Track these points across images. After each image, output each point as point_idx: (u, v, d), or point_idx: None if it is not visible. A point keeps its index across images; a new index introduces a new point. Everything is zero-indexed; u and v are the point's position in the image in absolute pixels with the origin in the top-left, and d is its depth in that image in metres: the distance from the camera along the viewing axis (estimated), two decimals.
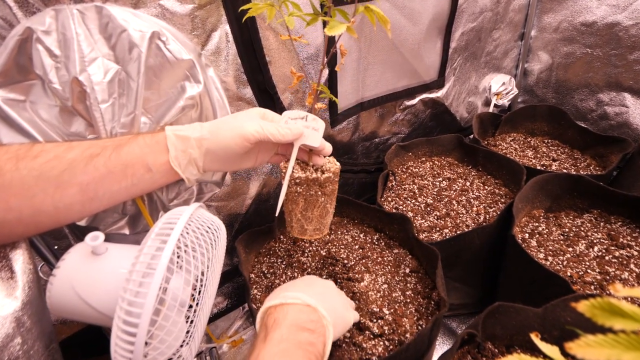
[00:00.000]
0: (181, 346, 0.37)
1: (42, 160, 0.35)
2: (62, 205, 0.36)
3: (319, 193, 0.49)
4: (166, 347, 0.34)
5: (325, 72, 0.67)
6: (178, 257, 0.36)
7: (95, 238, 0.36)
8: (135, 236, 0.56)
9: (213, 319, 0.81)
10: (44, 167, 0.35)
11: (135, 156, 0.39)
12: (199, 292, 0.38)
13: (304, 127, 0.45)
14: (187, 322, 0.37)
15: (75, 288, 0.35)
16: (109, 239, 0.57)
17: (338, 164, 0.51)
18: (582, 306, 0.20)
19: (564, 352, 0.29)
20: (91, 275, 0.36)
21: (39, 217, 0.36)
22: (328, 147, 0.48)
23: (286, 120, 0.46)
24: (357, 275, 0.59)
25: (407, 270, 0.61)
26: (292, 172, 0.47)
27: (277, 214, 0.47)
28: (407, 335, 0.50)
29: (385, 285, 0.58)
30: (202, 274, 0.38)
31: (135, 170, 0.39)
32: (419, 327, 0.52)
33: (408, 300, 0.56)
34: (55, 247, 0.54)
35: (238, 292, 0.83)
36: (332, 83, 0.70)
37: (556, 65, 1.10)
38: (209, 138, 0.42)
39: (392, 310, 0.54)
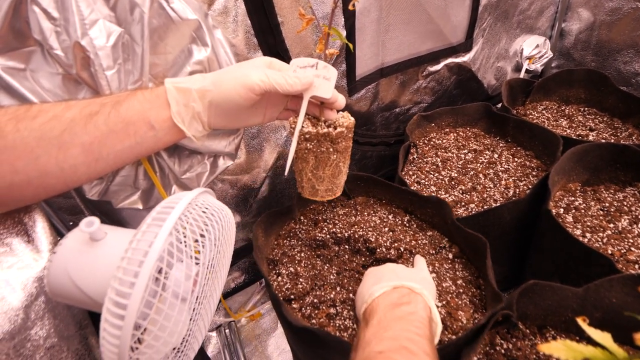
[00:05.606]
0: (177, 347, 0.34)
1: (42, 121, 0.33)
2: (67, 166, 0.35)
3: (331, 150, 0.45)
4: (168, 335, 0.31)
5: (340, 21, 0.61)
6: (178, 248, 0.33)
7: (90, 224, 0.33)
8: (149, 211, 0.55)
9: (231, 293, 0.81)
10: (44, 127, 0.33)
11: (136, 112, 0.37)
12: (202, 284, 0.35)
13: (314, 77, 0.41)
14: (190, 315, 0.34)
15: (70, 274, 0.33)
16: (121, 213, 0.56)
17: (352, 118, 0.47)
18: None
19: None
20: (87, 262, 0.34)
21: (46, 179, 0.35)
22: (341, 99, 0.44)
23: (295, 69, 0.42)
24: (395, 261, 0.53)
25: (450, 256, 0.55)
26: (302, 127, 0.43)
27: (286, 173, 0.45)
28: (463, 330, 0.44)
29: (434, 274, 0.52)
30: (206, 266, 0.35)
31: (138, 128, 0.37)
32: (475, 321, 0.46)
33: (460, 290, 0.50)
34: (71, 223, 0.54)
35: (255, 267, 0.82)
36: (348, 50, 0.65)
37: (599, 24, 0.98)
38: (212, 89, 0.39)
39: (444, 303, 0.48)
